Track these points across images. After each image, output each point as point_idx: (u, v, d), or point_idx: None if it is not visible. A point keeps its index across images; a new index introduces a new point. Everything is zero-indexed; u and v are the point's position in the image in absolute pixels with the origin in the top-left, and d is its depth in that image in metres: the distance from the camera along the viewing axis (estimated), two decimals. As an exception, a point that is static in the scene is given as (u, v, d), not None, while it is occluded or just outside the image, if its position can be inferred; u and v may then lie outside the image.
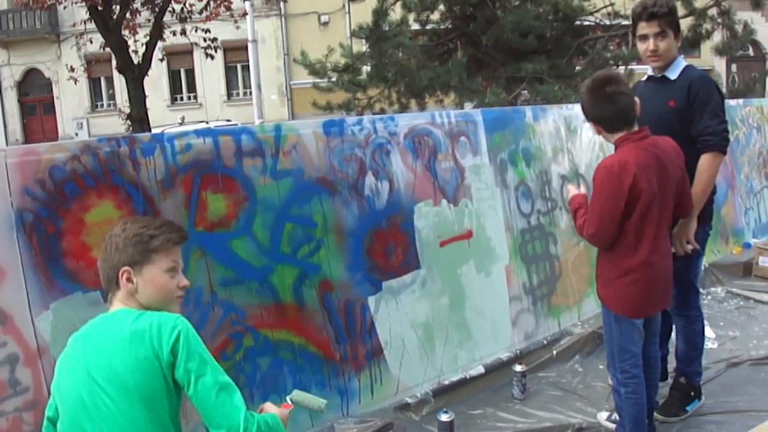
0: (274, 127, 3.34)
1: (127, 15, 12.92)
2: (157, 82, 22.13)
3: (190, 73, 26.84)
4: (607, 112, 3.00)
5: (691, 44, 10.31)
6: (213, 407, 1.99)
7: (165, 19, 13.31)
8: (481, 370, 4.04)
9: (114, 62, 13.18)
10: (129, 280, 2.11)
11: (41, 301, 2.64)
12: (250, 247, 3.17)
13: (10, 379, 2.57)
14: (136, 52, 13.12)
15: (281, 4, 23.18)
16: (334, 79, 10.74)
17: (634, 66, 10.20)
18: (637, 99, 3.04)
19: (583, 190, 3.29)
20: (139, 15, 13.63)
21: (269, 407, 2.18)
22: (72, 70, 14.06)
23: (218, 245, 3.08)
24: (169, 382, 1.99)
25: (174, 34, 14.03)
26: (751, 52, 24.13)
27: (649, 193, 2.92)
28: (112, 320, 2.08)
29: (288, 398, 2.36)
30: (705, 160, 3.35)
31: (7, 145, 26.89)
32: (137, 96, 12.88)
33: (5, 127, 28.15)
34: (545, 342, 4.44)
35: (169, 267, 2.16)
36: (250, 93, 24.74)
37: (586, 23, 11.23)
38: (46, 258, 2.64)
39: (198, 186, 3.03)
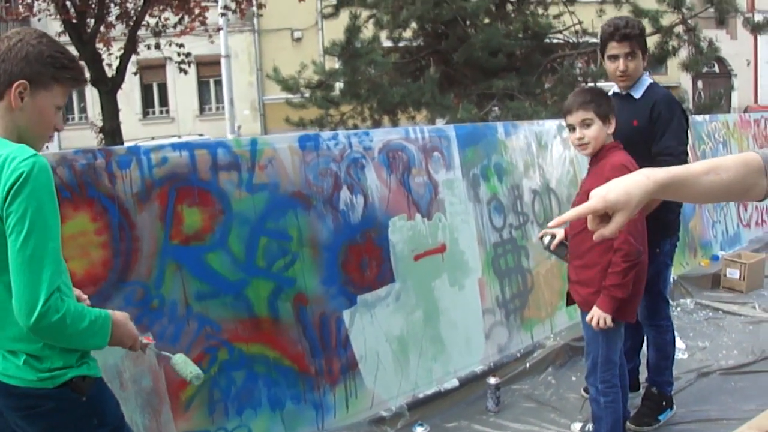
0: (249, 141, 3.36)
1: (102, 28, 12.85)
2: (129, 95, 21.97)
3: (163, 88, 26.68)
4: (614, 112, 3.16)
5: (658, 60, 10.52)
6: (16, 275, 1.78)
7: (139, 33, 13.26)
8: (455, 383, 4.06)
9: (87, 75, 13.08)
10: (20, 96, 1.90)
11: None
12: (225, 261, 3.17)
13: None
14: (109, 65, 13.05)
15: (255, 19, 23.18)
16: (307, 95, 10.76)
17: (601, 83, 10.37)
18: None
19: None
20: (114, 28, 13.57)
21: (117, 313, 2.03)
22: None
23: (194, 258, 3.08)
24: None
25: (148, 48, 13.97)
26: (716, 68, 24.66)
27: None
28: None
29: (172, 358, 2.25)
30: None
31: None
32: (110, 109, 12.79)
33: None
34: (518, 355, 4.48)
35: (58, 104, 1.98)
36: (223, 108, 24.63)
37: (555, 41, 11.41)
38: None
39: (174, 199, 3.03)
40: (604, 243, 3.01)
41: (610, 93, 3.69)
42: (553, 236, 3.38)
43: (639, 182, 1.45)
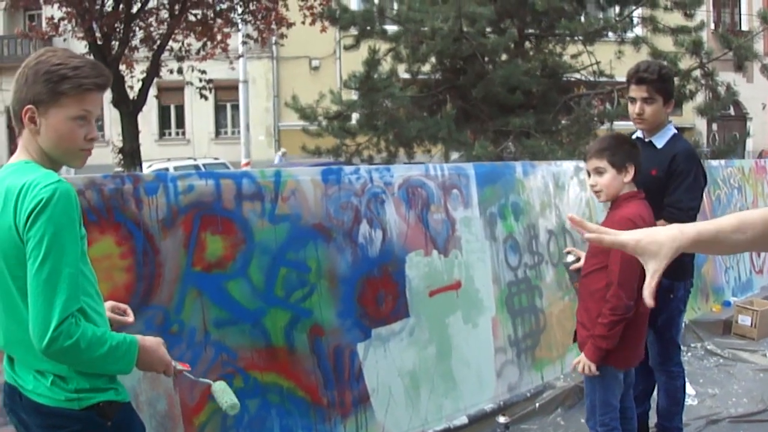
0: (274, 173, 3.42)
1: (126, 51, 13.07)
2: (146, 116, 22.17)
3: (180, 110, 26.96)
4: (640, 163, 3.17)
5: (676, 104, 10.55)
6: (31, 299, 1.81)
7: (162, 56, 13.48)
8: (464, 420, 4.07)
9: (106, 95, 13.26)
10: (32, 120, 1.93)
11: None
12: (245, 290, 3.21)
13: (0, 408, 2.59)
14: (131, 87, 13.25)
15: (274, 47, 23.45)
16: (324, 124, 10.85)
17: (618, 123, 10.42)
18: None
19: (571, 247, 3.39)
20: (137, 51, 13.80)
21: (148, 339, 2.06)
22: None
23: (214, 286, 3.12)
24: None
25: (171, 72, 14.19)
26: (732, 111, 24.66)
27: None
28: (4, 172, 1.94)
29: (213, 384, 2.28)
30: None
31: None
32: (131, 131, 12.97)
33: (-8, 153, 28.02)
34: (528, 394, 4.48)
35: (77, 115, 1.94)
36: (239, 132, 24.88)
37: (572, 80, 11.48)
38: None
39: (198, 226, 3.09)
40: (605, 291, 3.04)
41: (633, 137, 3.72)
42: (579, 258, 3.39)
43: (671, 235, 1.49)
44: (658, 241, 1.49)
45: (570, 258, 3.46)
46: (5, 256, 1.86)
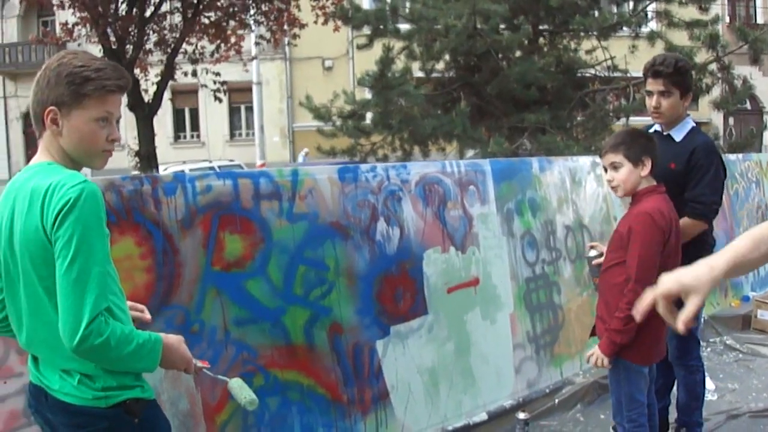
0: (291, 172, 3.43)
1: (140, 54, 13.15)
2: (161, 119, 22.32)
3: (195, 112, 27.11)
4: (656, 156, 3.14)
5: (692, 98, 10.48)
6: (61, 298, 1.82)
7: (176, 59, 13.55)
8: (484, 416, 4.07)
9: (123, 99, 13.39)
10: (54, 121, 1.94)
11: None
12: (264, 288, 3.23)
13: (24, 409, 2.61)
14: (146, 90, 13.33)
15: (286, 48, 23.52)
16: (338, 124, 10.88)
17: (634, 118, 10.37)
18: None
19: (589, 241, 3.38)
20: (151, 55, 13.88)
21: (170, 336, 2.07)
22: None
23: (234, 285, 3.14)
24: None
25: (185, 74, 14.26)
26: (748, 105, 24.42)
27: (672, 245, 3.03)
28: (27, 173, 1.96)
29: (230, 381, 2.30)
30: (688, 223, 3.40)
31: (9, 176, 27.00)
32: (146, 134, 13.06)
33: (9, 158, 28.28)
34: (547, 390, 4.47)
35: (100, 116, 1.96)
36: (253, 134, 24.98)
37: (587, 75, 11.44)
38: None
39: (216, 226, 3.10)
40: (624, 285, 3.03)
41: (651, 130, 3.70)
42: (602, 254, 3.37)
43: (704, 272, 1.59)
44: (696, 275, 1.59)
45: (593, 252, 3.45)
46: (31, 257, 1.87)
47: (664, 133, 3.63)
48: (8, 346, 2.59)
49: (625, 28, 10.98)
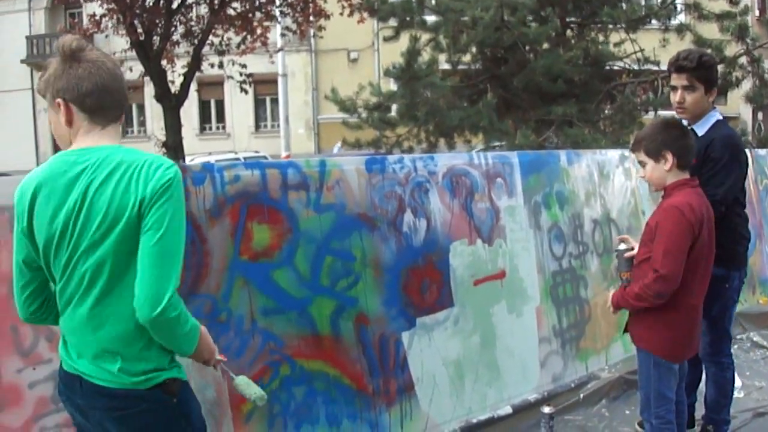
0: (318, 163, 3.43)
1: (167, 46, 13.24)
2: (187, 111, 22.43)
3: (220, 104, 27.26)
4: (684, 147, 3.08)
5: (720, 92, 10.34)
6: (147, 268, 1.89)
7: (202, 51, 13.62)
8: (508, 410, 4.06)
9: (147, 90, 13.50)
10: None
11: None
12: (291, 278, 3.24)
13: (53, 395, 2.63)
14: (173, 82, 13.42)
15: (312, 39, 23.54)
16: (363, 116, 10.86)
17: (663, 112, 10.25)
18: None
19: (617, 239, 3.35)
20: (178, 46, 13.96)
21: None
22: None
23: (261, 274, 3.15)
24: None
25: (212, 66, 14.33)
26: (778, 100, 23.99)
27: (704, 239, 2.99)
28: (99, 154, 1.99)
29: (235, 379, 2.35)
30: None
31: (37, 166, 27.33)
32: (173, 125, 13.16)
33: (37, 148, 28.65)
34: (572, 385, 4.45)
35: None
36: (278, 126, 25.08)
37: (616, 68, 11.32)
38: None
39: (245, 216, 3.11)
40: None
41: None
42: (632, 248, 3.33)
43: None
44: None
45: (623, 246, 3.42)
46: (121, 231, 1.91)
47: (689, 128, 3.59)
48: (37, 334, 2.62)
49: (654, 21, 10.84)
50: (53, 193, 1.94)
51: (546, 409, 3.97)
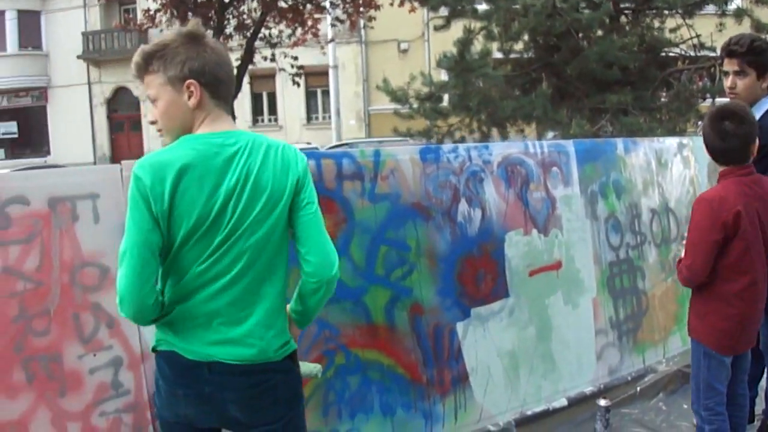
0: (373, 153, 3.43)
1: (220, 39, 13.40)
2: (240, 103, 22.77)
3: (272, 96, 27.53)
4: (717, 147, 3.01)
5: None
6: (317, 235, 2.08)
7: (254, 43, 13.75)
8: (564, 402, 4.02)
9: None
10: None
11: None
12: (346, 268, 3.23)
13: (113, 381, 2.70)
14: (226, 74, 13.57)
15: (362, 31, 23.57)
16: (415, 106, 10.85)
17: (721, 99, 9.99)
18: (755, 140, 3.00)
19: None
20: (231, 39, 14.13)
21: None
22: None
23: (317, 264, 3.16)
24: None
25: (265, 59, 14.47)
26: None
27: (750, 232, 2.90)
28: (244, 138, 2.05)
29: None
30: None
31: (94, 159, 28.07)
32: (229, 117, 13.32)
33: (94, 141, 29.37)
34: (629, 378, 4.38)
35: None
36: (329, 117, 25.22)
37: (672, 54, 11.07)
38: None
39: (300, 205, 3.13)
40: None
41: None
42: None
43: None
44: None
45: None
46: (283, 209, 2.04)
47: None
48: (98, 320, 2.68)
49: (710, 5, 10.57)
50: (208, 174, 1.94)
51: (602, 402, 3.93)
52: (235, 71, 13.50)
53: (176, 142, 2.01)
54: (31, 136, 30.18)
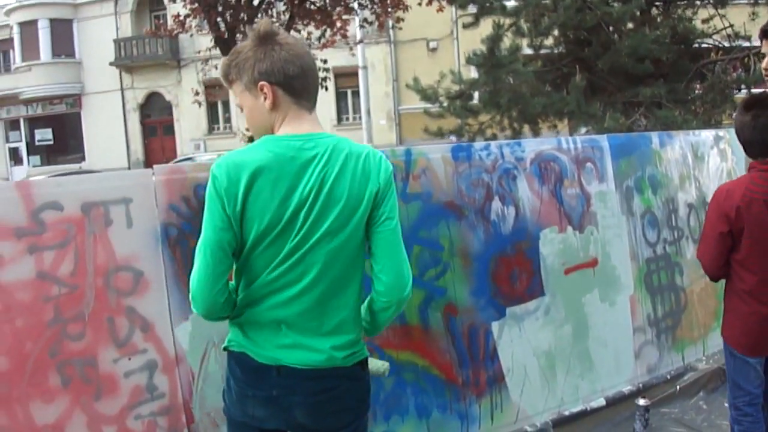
0: (404, 152, 3.41)
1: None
2: (270, 106, 22.85)
3: (302, 98, 27.57)
4: (746, 137, 2.93)
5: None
6: (395, 252, 2.01)
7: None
8: (602, 402, 3.96)
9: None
10: None
11: (181, 311, 2.77)
12: (379, 268, 3.22)
13: (148, 384, 2.71)
14: (256, 77, 13.67)
15: (391, 31, 23.55)
16: (445, 104, 10.80)
17: (756, 90, 9.80)
18: None
19: None
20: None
21: None
22: (197, 94, 14.81)
23: (350, 265, 3.15)
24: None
25: (295, 62, 14.53)
26: None
27: (755, 229, 2.80)
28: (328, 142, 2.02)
29: None
30: None
31: (128, 164, 28.43)
32: (258, 121, 13.42)
33: (128, 146, 29.76)
34: (668, 377, 4.32)
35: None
36: (360, 118, 25.24)
37: (704, 45, 10.89)
38: (188, 271, 2.77)
39: (332, 206, 3.11)
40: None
41: None
42: None
43: None
44: None
45: None
46: (361, 218, 1.97)
47: None
48: (133, 324, 2.69)
49: (743, -6, 10.40)
50: (283, 177, 1.91)
51: (641, 402, 3.87)
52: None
53: (256, 142, 2.00)
54: (66, 143, 30.70)
